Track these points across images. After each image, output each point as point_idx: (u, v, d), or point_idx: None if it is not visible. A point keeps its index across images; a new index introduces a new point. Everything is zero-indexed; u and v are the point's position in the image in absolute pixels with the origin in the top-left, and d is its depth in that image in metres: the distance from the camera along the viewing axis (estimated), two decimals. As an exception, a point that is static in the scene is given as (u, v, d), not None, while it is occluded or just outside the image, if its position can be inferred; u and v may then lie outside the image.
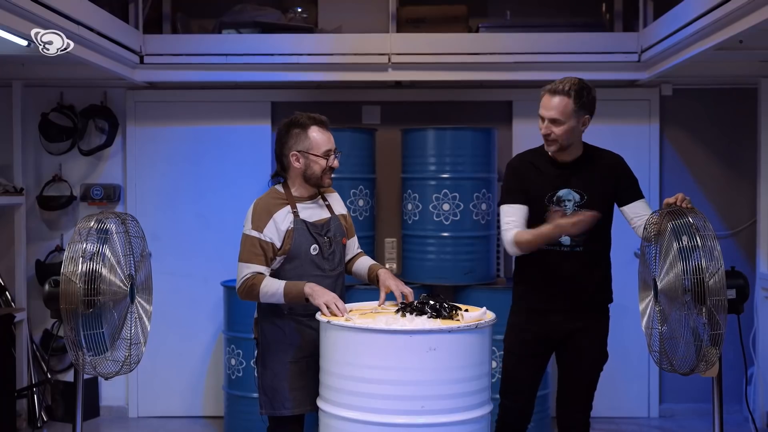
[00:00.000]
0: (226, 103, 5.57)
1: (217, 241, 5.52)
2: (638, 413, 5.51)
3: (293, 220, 3.26)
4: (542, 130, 3.39)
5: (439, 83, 5.35)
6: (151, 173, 5.55)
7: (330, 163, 3.29)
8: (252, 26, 5.27)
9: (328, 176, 3.32)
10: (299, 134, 3.28)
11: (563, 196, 3.42)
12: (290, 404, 3.25)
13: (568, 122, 3.33)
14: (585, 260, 3.43)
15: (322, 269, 3.30)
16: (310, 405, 3.25)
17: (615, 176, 3.48)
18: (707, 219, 2.98)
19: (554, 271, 3.43)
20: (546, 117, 3.35)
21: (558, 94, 3.33)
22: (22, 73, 5.20)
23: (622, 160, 3.57)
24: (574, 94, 3.32)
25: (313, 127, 3.28)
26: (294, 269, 3.26)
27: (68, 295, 2.99)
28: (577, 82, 3.36)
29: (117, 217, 3.21)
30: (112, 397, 5.59)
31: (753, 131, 5.36)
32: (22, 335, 5.19)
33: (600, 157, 3.52)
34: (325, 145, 3.28)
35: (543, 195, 3.43)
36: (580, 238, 3.37)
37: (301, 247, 3.26)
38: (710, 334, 2.89)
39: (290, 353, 3.28)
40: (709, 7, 3.90)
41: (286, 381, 3.26)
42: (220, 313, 5.21)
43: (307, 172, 3.29)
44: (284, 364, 3.27)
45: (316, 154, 3.27)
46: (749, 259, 5.35)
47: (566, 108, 3.32)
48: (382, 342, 2.92)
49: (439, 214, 4.94)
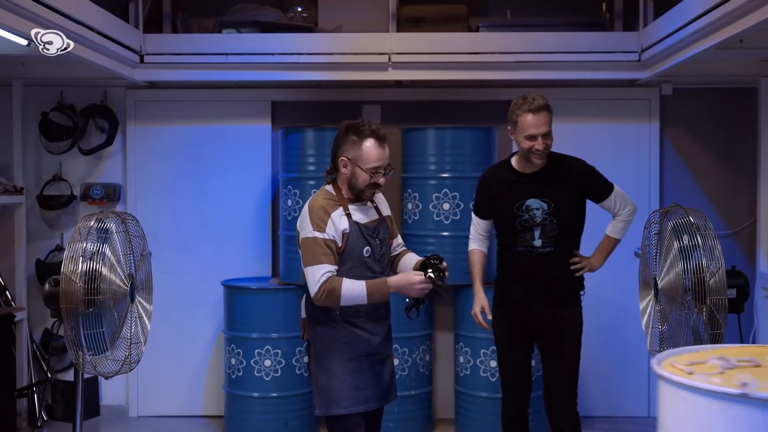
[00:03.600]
0: (226, 103, 5.57)
1: (217, 240, 5.52)
2: (638, 413, 5.50)
3: (348, 222, 3.23)
4: (537, 146, 3.59)
5: (440, 83, 5.35)
6: (152, 173, 5.55)
7: (375, 179, 3.24)
8: (252, 26, 5.27)
9: (370, 191, 3.27)
10: (355, 142, 3.22)
11: (531, 206, 3.69)
12: (345, 403, 3.23)
13: (550, 133, 3.63)
14: (555, 258, 3.72)
15: (373, 271, 3.28)
16: (364, 404, 3.26)
17: (580, 181, 3.75)
18: (708, 218, 2.98)
19: (529, 269, 3.73)
20: (539, 134, 3.58)
21: (541, 110, 3.59)
22: (22, 72, 5.20)
23: (583, 163, 3.81)
24: (550, 106, 3.64)
25: (369, 139, 3.22)
26: (346, 272, 3.21)
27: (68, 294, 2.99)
28: (541, 95, 3.66)
29: (117, 216, 3.21)
30: (112, 397, 5.59)
31: (753, 131, 5.35)
32: (22, 335, 5.19)
33: (563, 164, 3.76)
34: (375, 161, 3.22)
35: (512, 205, 3.71)
36: (550, 240, 3.69)
37: (354, 249, 3.24)
38: (710, 333, 2.89)
39: (346, 352, 3.25)
40: (709, 7, 3.90)
41: (341, 380, 3.24)
42: (220, 312, 5.21)
43: (352, 180, 3.25)
44: (340, 363, 3.25)
45: (362, 168, 3.22)
46: (749, 258, 5.35)
47: (550, 120, 3.62)
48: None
49: (439, 214, 4.94)
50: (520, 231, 3.70)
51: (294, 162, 5.06)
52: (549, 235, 3.68)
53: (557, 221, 3.67)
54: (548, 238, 3.68)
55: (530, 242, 3.69)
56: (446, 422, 5.31)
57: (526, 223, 3.69)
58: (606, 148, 5.39)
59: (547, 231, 3.68)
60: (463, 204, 4.93)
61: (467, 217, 4.92)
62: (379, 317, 3.32)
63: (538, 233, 3.68)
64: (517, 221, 3.70)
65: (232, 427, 5.06)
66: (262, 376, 4.91)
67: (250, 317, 4.96)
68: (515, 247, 3.73)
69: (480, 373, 4.91)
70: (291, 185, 5.03)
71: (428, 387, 5.13)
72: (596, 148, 5.22)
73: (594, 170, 3.81)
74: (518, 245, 3.72)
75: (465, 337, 4.98)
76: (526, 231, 3.69)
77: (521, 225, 3.70)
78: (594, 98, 5.46)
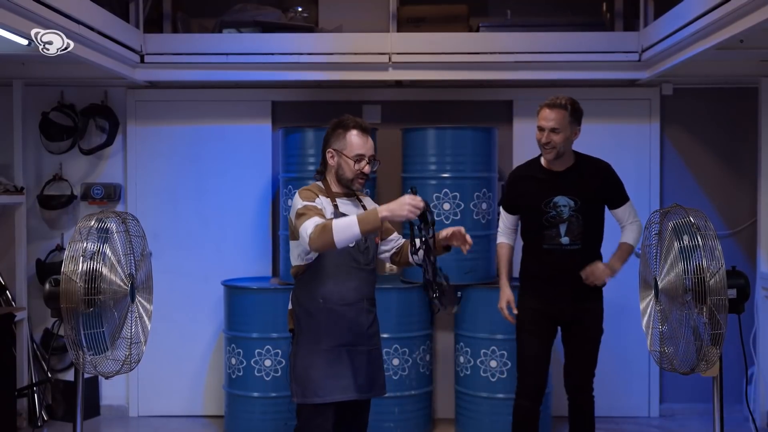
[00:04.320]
0: (227, 103, 5.57)
1: (217, 240, 5.52)
2: (639, 413, 5.51)
3: (333, 211, 3.34)
4: (543, 139, 3.85)
5: (440, 82, 5.35)
6: (152, 172, 5.55)
7: (360, 167, 3.37)
8: (252, 25, 5.27)
9: (359, 180, 3.39)
10: (340, 134, 3.40)
11: (559, 202, 3.87)
12: (322, 392, 3.30)
13: (564, 132, 3.83)
14: (580, 256, 3.88)
15: (357, 262, 3.38)
16: (341, 393, 3.31)
17: (603, 182, 3.95)
18: (708, 218, 2.98)
19: (556, 266, 3.89)
20: (546, 127, 3.83)
21: (556, 108, 3.83)
22: (22, 72, 5.20)
23: (609, 167, 4.00)
24: (570, 108, 3.84)
25: (353, 130, 3.39)
26: (332, 259, 3.33)
27: (69, 294, 2.99)
28: (570, 98, 3.88)
29: (117, 216, 3.21)
30: (112, 397, 5.60)
31: (753, 131, 5.36)
32: (23, 334, 5.19)
33: (590, 165, 3.97)
34: (358, 149, 3.37)
35: (539, 202, 3.90)
36: (576, 238, 3.87)
37: None
38: (711, 333, 2.89)
39: (325, 342, 3.34)
40: (709, 7, 3.90)
41: (318, 369, 3.32)
42: (221, 312, 5.21)
43: (339, 171, 3.40)
44: (318, 353, 3.33)
45: (347, 156, 3.36)
46: (750, 258, 5.35)
47: (563, 119, 3.83)
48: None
49: (440, 214, 4.94)
50: (546, 227, 3.87)
51: (294, 162, 5.06)
52: (575, 232, 3.86)
53: (583, 219, 3.86)
54: (574, 236, 3.86)
55: (556, 239, 3.86)
56: (446, 422, 5.31)
57: (553, 219, 3.86)
58: (606, 148, 5.36)
59: (573, 228, 3.86)
60: (463, 204, 4.93)
61: (468, 216, 4.93)
62: (362, 309, 3.39)
63: (564, 230, 3.86)
64: (544, 217, 3.87)
65: (233, 427, 5.06)
66: (263, 375, 4.91)
67: (251, 317, 4.96)
68: (541, 245, 3.90)
69: (480, 373, 4.91)
70: (291, 185, 5.03)
71: (428, 387, 5.13)
72: (596, 148, 5.18)
73: (614, 172, 3.98)
74: (544, 243, 3.89)
75: (465, 337, 4.98)
76: (552, 228, 3.86)
77: (548, 221, 3.87)
78: (594, 98, 5.45)
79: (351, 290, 3.37)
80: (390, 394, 4.92)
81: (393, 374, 4.90)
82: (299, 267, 3.41)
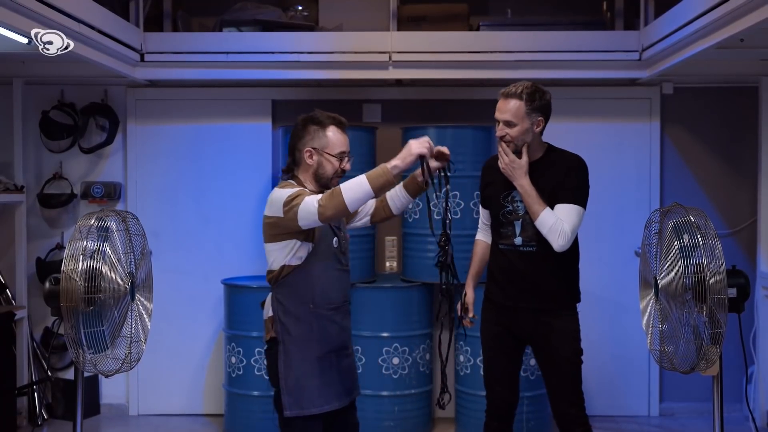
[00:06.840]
0: (227, 101, 5.57)
1: (217, 239, 5.52)
2: (638, 412, 5.51)
3: None
4: (497, 132, 3.51)
5: (440, 81, 5.35)
6: (152, 171, 5.55)
7: (342, 165, 3.26)
8: (253, 24, 5.27)
9: (337, 179, 3.27)
10: (317, 131, 3.24)
11: (516, 197, 3.51)
12: (319, 401, 3.17)
13: (521, 124, 3.44)
14: (540, 261, 3.48)
15: (340, 263, 3.28)
16: (337, 401, 3.21)
17: (564, 177, 3.47)
18: (708, 217, 2.98)
19: (510, 269, 3.53)
20: (500, 119, 3.48)
21: (511, 98, 3.45)
22: (22, 70, 5.20)
23: (579, 162, 3.54)
24: (526, 97, 3.43)
25: (331, 126, 3.24)
26: (319, 262, 3.18)
27: (69, 292, 2.99)
28: (529, 85, 3.46)
29: (117, 214, 3.21)
30: (112, 395, 5.60)
31: (754, 130, 5.36)
32: (23, 333, 5.19)
33: (559, 159, 3.54)
34: (340, 146, 3.24)
35: (498, 195, 3.57)
36: (531, 239, 3.47)
37: (325, 238, 3.22)
38: (711, 332, 2.89)
39: (315, 349, 3.19)
40: (710, 6, 3.90)
41: (313, 378, 3.17)
42: (221, 311, 5.22)
43: (319, 170, 3.24)
44: (311, 361, 3.18)
45: (330, 154, 3.22)
46: (750, 257, 5.35)
47: (519, 110, 3.43)
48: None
49: (440, 213, 4.92)
50: (503, 224, 3.54)
51: (294, 161, 5.06)
52: (529, 232, 3.46)
53: None
54: (528, 236, 3.46)
55: (511, 239, 3.51)
56: (446, 421, 5.31)
57: (509, 215, 3.52)
58: (606, 148, 5.40)
59: (527, 227, 3.47)
60: (463, 203, 4.92)
61: (468, 216, 4.93)
62: (347, 312, 3.31)
63: (519, 229, 3.49)
64: (501, 212, 3.54)
65: (233, 426, 5.06)
66: (263, 374, 4.91)
67: (251, 316, 4.95)
68: (498, 244, 3.58)
69: (480, 372, 4.89)
70: (291, 184, 5.02)
71: (428, 386, 5.13)
72: (597, 148, 5.22)
73: (581, 170, 3.50)
74: (500, 242, 3.56)
75: (465, 337, 4.97)
76: (508, 225, 3.52)
77: (504, 216, 3.53)
78: (594, 97, 5.46)
79: (337, 293, 3.25)
80: (390, 393, 4.95)
81: (393, 373, 4.90)
82: (281, 270, 3.18)
